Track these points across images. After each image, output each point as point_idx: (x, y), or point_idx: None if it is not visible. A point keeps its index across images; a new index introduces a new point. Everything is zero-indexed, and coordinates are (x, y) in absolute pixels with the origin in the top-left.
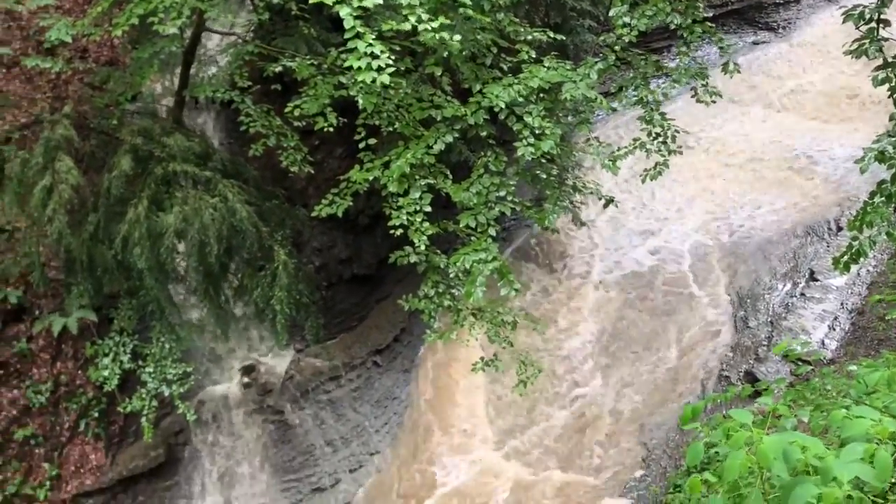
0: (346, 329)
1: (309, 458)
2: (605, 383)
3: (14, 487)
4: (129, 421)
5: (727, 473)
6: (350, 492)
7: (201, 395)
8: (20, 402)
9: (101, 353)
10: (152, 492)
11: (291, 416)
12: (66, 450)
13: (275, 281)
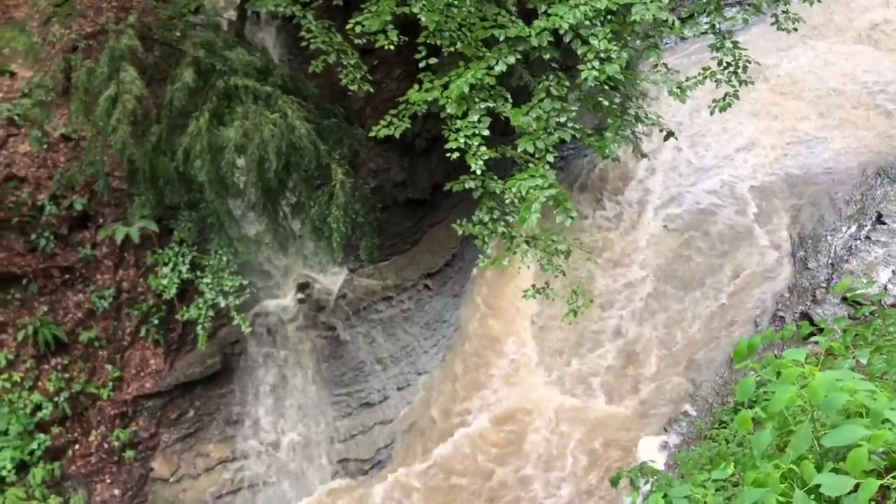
0: (398, 252)
1: (359, 374)
2: (655, 318)
3: (79, 386)
4: (187, 329)
5: (774, 405)
6: (397, 409)
7: (257, 308)
8: (85, 305)
9: (160, 262)
10: (208, 398)
11: (343, 333)
12: (128, 354)
13: (332, 199)
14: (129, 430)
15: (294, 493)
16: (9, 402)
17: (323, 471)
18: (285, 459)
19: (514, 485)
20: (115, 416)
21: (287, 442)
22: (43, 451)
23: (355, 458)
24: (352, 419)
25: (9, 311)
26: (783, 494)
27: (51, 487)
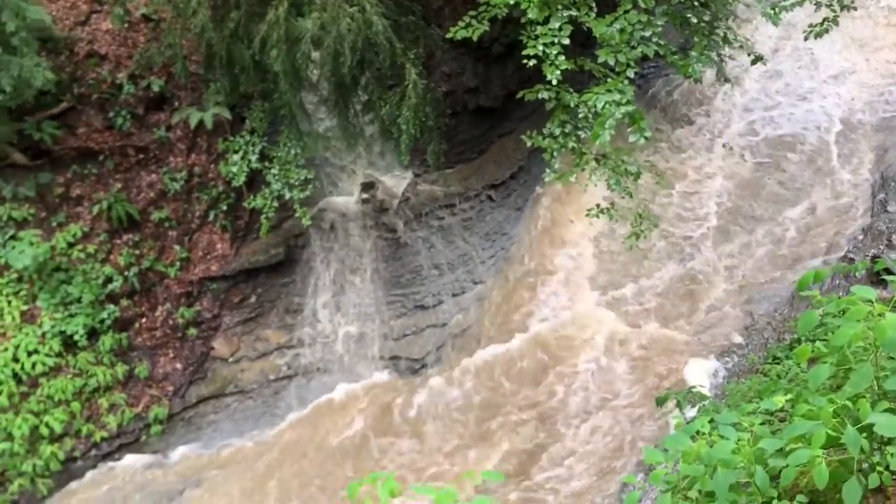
0: (464, 160)
1: (416, 277)
2: (720, 247)
3: (149, 263)
4: (253, 217)
5: (837, 339)
6: (450, 314)
7: (322, 203)
8: (157, 186)
9: (231, 149)
10: (270, 286)
11: (403, 236)
12: (196, 236)
13: (403, 100)
14: (194, 310)
15: (345, 382)
16: (82, 273)
17: (374, 365)
18: (339, 351)
19: (558, 397)
20: (180, 294)
21: (342, 335)
22: (112, 321)
23: (406, 357)
24: (405, 319)
25: (85, 185)
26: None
27: (118, 356)
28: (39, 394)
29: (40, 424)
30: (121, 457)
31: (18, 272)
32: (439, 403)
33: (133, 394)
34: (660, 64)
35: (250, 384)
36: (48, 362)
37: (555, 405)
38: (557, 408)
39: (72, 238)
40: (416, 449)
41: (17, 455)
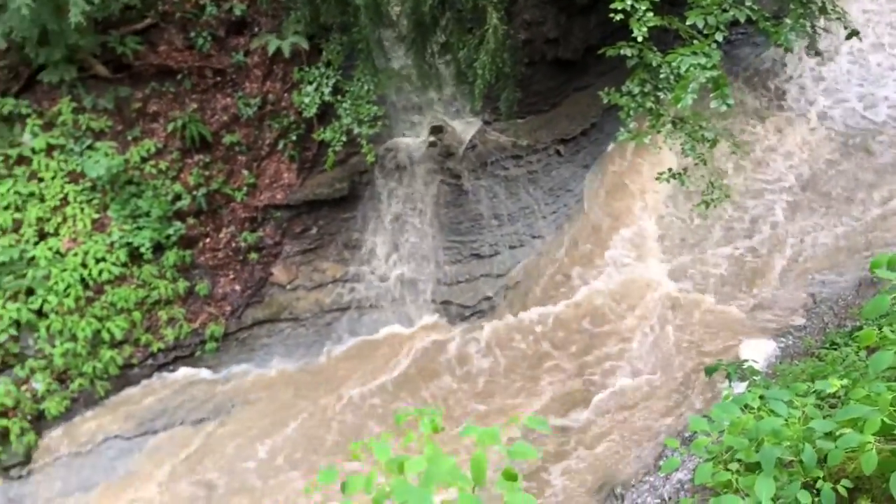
0: (536, 112)
1: (475, 226)
2: (790, 225)
3: (217, 185)
4: (321, 150)
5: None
6: (506, 265)
7: (389, 143)
8: (231, 110)
9: (306, 80)
10: (332, 219)
11: (467, 183)
12: (264, 163)
13: (482, 44)
14: (256, 235)
15: (395, 321)
16: (153, 188)
17: (425, 307)
18: (393, 290)
19: (606, 359)
20: (245, 219)
21: (397, 274)
22: (177, 238)
23: (457, 303)
24: (460, 266)
25: (162, 102)
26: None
27: (180, 272)
28: (104, 300)
29: (102, 329)
30: (175, 369)
31: (92, 181)
32: (487, 352)
33: (192, 310)
34: (749, 31)
35: (304, 312)
36: (114, 271)
37: (602, 365)
38: (604, 368)
39: (145, 153)
40: (459, 392)
41: (80, 356)
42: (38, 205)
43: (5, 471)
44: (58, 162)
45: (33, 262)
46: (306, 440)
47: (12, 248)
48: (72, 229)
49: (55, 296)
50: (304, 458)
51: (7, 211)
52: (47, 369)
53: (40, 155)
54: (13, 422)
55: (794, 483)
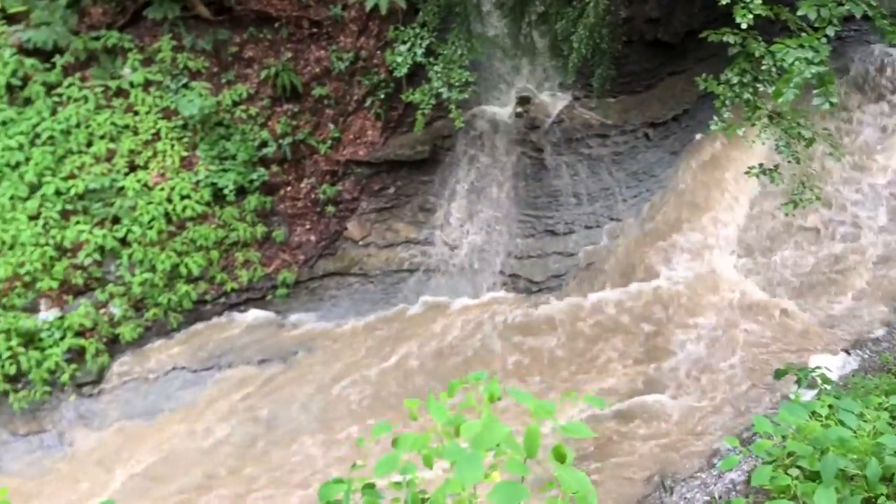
0: (628, 92)
1: (552, 202)
2: (881, 236)
3: (302, 135)
4: (407, 111)
5: None
6: (579, 245)
7: (475, 110)
8: (323, 62)
9: (400, 39)
10: (410, 181)
11: (549, 158)
12: (350, 119)
13: (581, 17)
14: (335, 189)
15: (462, 289)
16: (241, 132)
17: (493, 279)
18: (462, 257)
19: (671, 350)
20: (326, 172)
21: (468, 242)
22: (260, 184)
23: (526, 278)
24: (533, 241)
25: (258, 49)
26: None
27: (260, 217)
28: (184, 236)
29: (181, 264)
30: (246, 310)
31: (184, 119)
32: (549, 330)
33: (267, 255)
34: (863, 28)
35: (374, 269)
36: (197, 209)
37: (665, 356)
38: (667, 359)
39: (237, 97)
40: (517, 366)
41: (157, 287)
42: (132, 137)
43: (78, 387)
44: (153, 98)
45: (122, 193)
46: (362, 393)
47: (104, 176)
48: (161, 164)
49: (139, 227)
50: (358, 411)
51: (102, 140)
52: (125, 296)
53: (138, 89)
54: (90, 342)
55: (855, 497)
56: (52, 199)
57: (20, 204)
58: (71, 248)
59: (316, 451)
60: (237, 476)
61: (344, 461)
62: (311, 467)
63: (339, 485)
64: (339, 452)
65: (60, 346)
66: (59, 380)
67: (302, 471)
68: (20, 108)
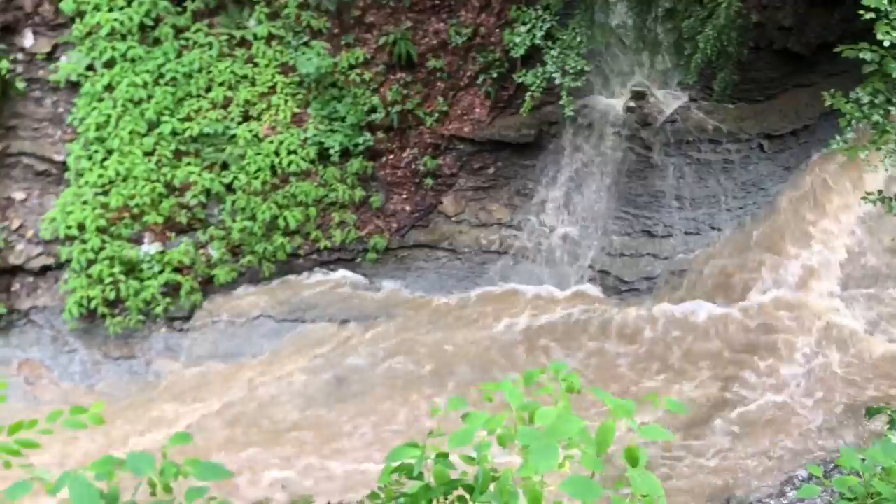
0: (748, 99)
1: (653, 202)
2: None
3: (411, 105)
4: (517, 93)
5: None
6: (675, 250)
7: (587, 99)
8: (442, 35)
9: (521, 20)
10: (511, 163)
11: (656, 157)
12: (460, 94)
13: (710, 17)
14: (436, 162)
15: (548, 278)
16: (353, 95)
17: (581, 272)
18: (553, 247)
19: (757, 370)
20: (429, 144)
21: (561, 233)
22: (364, 148)
23: (615, 276)
24: (628, 239)
25: (380, 15)
26: None
27: (360, 181)
28: (286, 190)
29: (280, 216)
30: (335, 269)
31: (301, 77)
32: (633, 332)
33: (362, 218)
34: None
35: (463, 247)
36: (302, 165)
37: (750, 375)
38: (751, 379)
39: (353, 60)
40: (594, 364)
41: (255, 235)
42: (249, 88)
43: (170, 321)
44: (274, 52)
45: (233, 140)
46: (434, 366)
47: (218, 122)
48: (273, 117)
49: (245, 175)
50: (427, 382)
51: (221, 87)
52: (224, 240)
53: (260, 42)
54: (186, 279)
55: None
56: (168, 138)
57: (138, 139)
58: (179, 187)
59: (385, 412)
60: (308, 426)
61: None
62: (378, 427)
63: (412, 450)
64: (405, 418)
65: (158, 280)
66: (152, 311)
67: (370, 430)
68: (149, 47)
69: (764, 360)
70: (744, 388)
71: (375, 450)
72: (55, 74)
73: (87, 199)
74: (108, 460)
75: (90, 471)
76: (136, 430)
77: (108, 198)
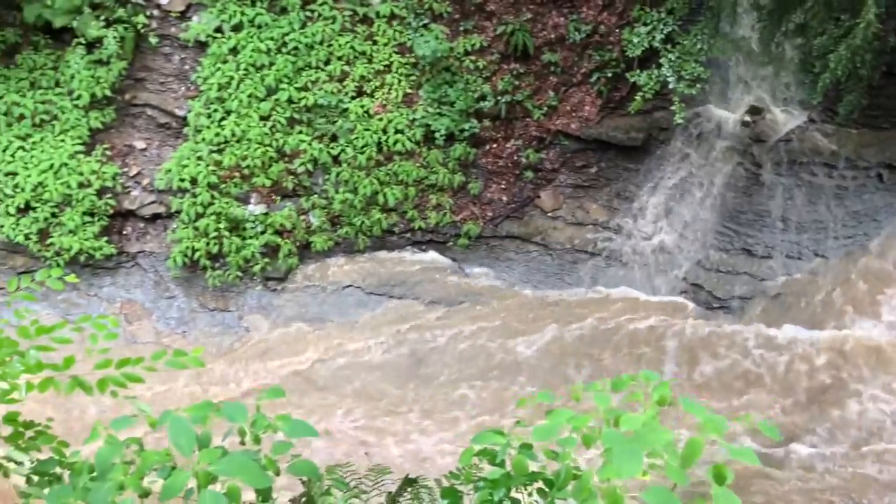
0: (872, 126)
1: (757, 221)
2: None
3: (521, 97)
4: (629, 95)
5: None
6: (774, 273)
7: (700, 108)
8: (560, 30)
9: (642, 20)
10: (614, 165)
11: (766, 175)
12: (571, 90)
13: (845, 36)
14: (539, 155)
15: (638, 285)
16: (465, 81)
17: (673, 283)
18: (648, 254)
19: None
20: (534, 137)
21: (658, 241)
22: (469, 135)
23: (708, 291)
24: (726, 255)
25: (501, 4)
26: None
27: (461, 166)
28: (389, 168)
29: (380, 193)
30: (427, 250)
31: (416, 58)
32: (718, 352)
33: (458, 203)
34: None
35: (555, 243)
36: (407, 145)
37: (838, 412)
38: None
39: (469, 47)
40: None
41: (354, 208)
42: (366, 65)
43: (266, 280)
44: (394, 31)
45: (345, 114)
46: (514, 359)
47: (333, 95)
48: (385, 96)
49: (352, 149)
50: (504, 371)
51: (339, 61)
52: (325, 209)
53: (382, 20)
54: (285, 242)
55: None
56: (284, 105)
57: (256, 103)
58: (289, 154)
59: (463, 397)
60: (385, 398)
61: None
62: (454, 410)
63: (497, 436)
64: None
65: (259, 240)
66: (251, 269)
67: (445, 411)
68: (276, 15)
69: (857, 395)
70: (832, 422)
71: (445, 430)
72: (185, 33)
73: (202, 156)
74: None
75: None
76: (219, 380)
77: (221, 156)
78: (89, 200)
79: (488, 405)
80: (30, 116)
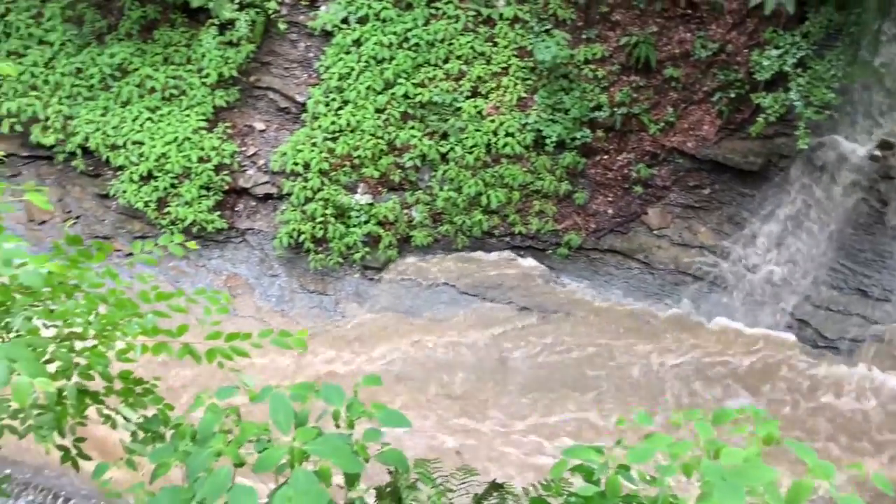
0: None
1: (877, 261)
2: None
3: (638, 110)
4: (751, 118)
5: None
6: (890, 317)
7: (826, 138)
8: (685, 45)
9: (774, 43)
10: (728, 189)
11: (890, 214)
12: (691, 108)
13: None
14: (650, 171)
15: (741, 315)
16: (582, 90)
17: (778, 317)
18: (755, 284)
19: None
20: (647, 152)
21: (766, 271)
22: (581, 144)
23: (815, 329)
24: (838, 294)
25: (627, 15)
26: None
27: (569, 175)
28: (496, 170)
29: (484, 194)
30: (525, 256)
31: (535, 63)
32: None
33: (562, 212)
34: None
35: (658, 263)
36: (516, 149)
37: None
38: None
39: (590, 55)
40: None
41: (457, 207)
42: (483, 66)
43: (364, 269)
44: (515, 34)
45: (458, 113)
46: (604, 373)
47: (448, 93)
48: (499, 98)
49: (461, 148)
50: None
51: (458, 60)
52: (428, 205)
53: (504, 23)
54: (387, 234)
55: None
56: (399, 100)
57: (373, 96)
58: (399, 147)
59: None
60: (467, 400)
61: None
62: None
63: (592, 452)
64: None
65: (362, 229)
66: (352, 256)
67: (527, 419)
68: (401, 10)
69: None
70: None
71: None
72: (313, 21)
73: (317, 142)
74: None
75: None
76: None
77: (335, 144)
78: (207, 175)
79: (571, 419)
80: (160, 90)
